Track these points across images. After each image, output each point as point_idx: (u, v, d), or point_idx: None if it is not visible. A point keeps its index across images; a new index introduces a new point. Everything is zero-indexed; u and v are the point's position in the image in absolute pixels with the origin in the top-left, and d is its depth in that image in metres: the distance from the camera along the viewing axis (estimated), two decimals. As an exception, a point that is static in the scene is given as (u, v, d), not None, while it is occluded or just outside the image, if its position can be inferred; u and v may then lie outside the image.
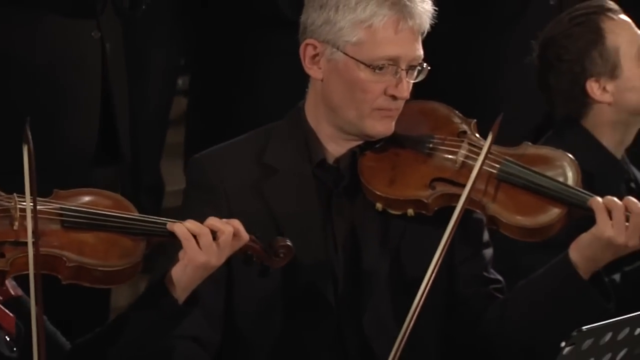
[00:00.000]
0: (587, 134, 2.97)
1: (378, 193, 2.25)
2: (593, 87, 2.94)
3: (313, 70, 2.29)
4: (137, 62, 3.90)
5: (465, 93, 3.46)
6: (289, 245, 2.08)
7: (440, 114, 2.45)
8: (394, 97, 2.24)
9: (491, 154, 2.28)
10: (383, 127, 2.27)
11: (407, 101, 2.29)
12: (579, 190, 2.30)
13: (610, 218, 2.17)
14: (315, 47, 2.26)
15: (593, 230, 2.19)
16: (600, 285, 2.27)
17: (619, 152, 3.02)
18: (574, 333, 1.62)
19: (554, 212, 2.27)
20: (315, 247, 2.25)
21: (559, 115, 3.10)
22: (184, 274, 2.01)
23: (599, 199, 2.21)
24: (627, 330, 1.71)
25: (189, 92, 4.74)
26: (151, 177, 4.46)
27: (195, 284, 2.04)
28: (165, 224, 2.02)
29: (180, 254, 2.00)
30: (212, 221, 2.01)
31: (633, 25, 3.01)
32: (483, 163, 2.22)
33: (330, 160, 2.33)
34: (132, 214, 2.06)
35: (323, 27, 2.23)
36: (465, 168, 2.27)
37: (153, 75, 4.20)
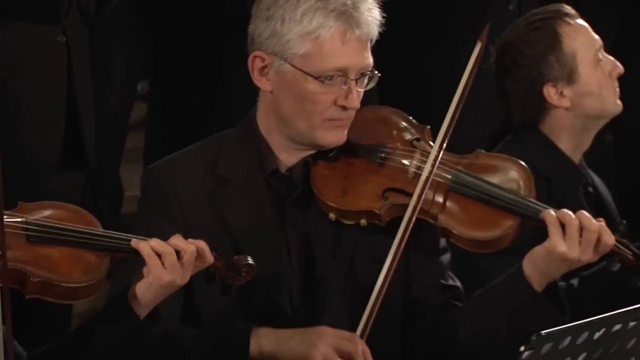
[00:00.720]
0: (545, 138, 2.99)
1: (330, 204, 2.24)
2: (550, 92, 2.96)
3: (262, 82, 2.28)
4: (98, 67, 3.88)
5: (424, 99, 3.48)
6: (251, 264, 2.06)
7: (394, 120, 2.44)
8: (344, 108, 2.23)
9: (442, 163, 2.27)
10: (335, 137, 2.26)
11: (360, 107, 2.28)
12: (531, 202, 2.29)
13: (564, 232, 2.17)
14: (263, 59, 2.24)
15: (546, 244, 2.19)
16: (554, 297, 2.28)
17: (576, 157, 3.04)
18: (533, 337, 1.63)
19: (506, 225, 2.27)
20: (270, 257, 2.23)
21: (517, 121, 3.12)
22: (148, 292, 2.00)
23: (552, 212, 2.21)
24: (586, 334, 1.72)
25: (149, 97, 4.73)
26: (111, 182, 4.44)
27: (159, 300, 2.03)
28: (129, 241, 2.00)
29: (145, 271, 1.98)
30: (176, 240, 1.99)
31: (590, 30, 3.03)
32: (431, 174, 2.21)
33: (283, 170, 2.32)
34: (96, 229, 2.04)
35: (270, 40, 2.21)
36: (418, 178, 2.25)
37: (113, 81, 4.17)
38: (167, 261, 1.95)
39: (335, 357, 2.10)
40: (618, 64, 3.03)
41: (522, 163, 2.39)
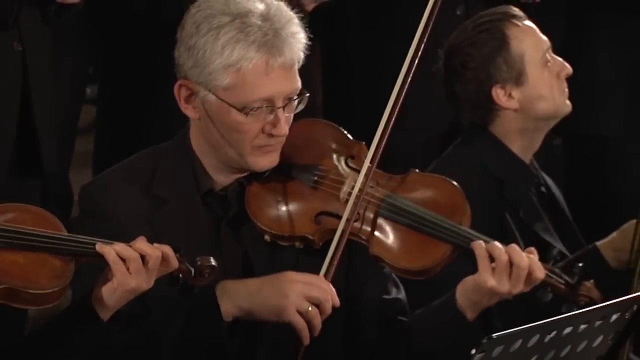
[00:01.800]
0: (496, 140, 2.99)
1: (264, 228, 2.21)
2: (499, 94, 2.97)
3: (189, 110, 2.25)
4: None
5: (371, 104, 3.48)
6: (213, 265, 2.04)
7: (329, 137, 2.40)
8: (272, 135, 2.20)
9: (373, 187, 2.25)
10: (266, 162, 2.24)
11: (295, 120, 2.27)
12: (463, 231, 2.23)
13: (494, 266, 2.14)
14: (188, 88, 2.21)
15: (475, 277, 2.16)
16: (488, 322, 2.26)
17: (527, 157, 3.05)
18: (484, 340, 1.63)
19: (437, 254, 2.23)
20: None
21: (466, 123, 3.12)
22: (112, 296, 1.96)
23: (483, 244, 2.16)
24: (537, 337, 1.73)
25: (98, 101, 4.69)
26: (60, 186, 4.38)
27: (122, 304, 2.00)
28: (94, 245, 1.96)
29: (109, 275, 1.95)
30: (141, 245, 1.96)
31: (538, 31, 3.04)
32: (359, 199, 2.19)
33: (218, 189, 2.30)
34: (61, 233, 2.00)
35: (194, 70, 2.17)
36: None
37: (61, 84, 4.12)
38: (132, 266, 1.92)
39: (307, 306, 2.10)
40: (566, 65, 3.05)
41: (456, 185, 2.34)
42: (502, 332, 1.67)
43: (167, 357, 2.15)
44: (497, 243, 2.16)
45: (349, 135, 2.39)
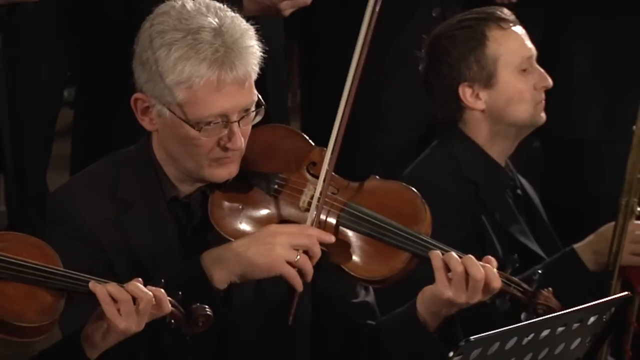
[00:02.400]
0: (471, 142, 2.98)
1: (228, 237, 2.20)
2: (466, 92, 2.96)
3: (145, 122, 2.24)
4: (23, 74, 3.83)
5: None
6: (209, 314, 1.98)
7: (290, 144, 2.39)
8: (228, 149, 2.19)
9: (331, 196, 2.25)
10: (224, 173, 2.22)
11: (258, 125, 2.28)
12: (421, 240, 2.20)
13: (450, 281, 2.12)
14: (144, 101, 2.20)
15: (433, 288, 2.15)
16: (450, 331, 2.25)
17: (502, 160, 3.04)
18: (462, 343, 1.64)
19: (395, 264, 2.21)
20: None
21: (441, 120, 3.12)
22: (101, 336, 1.92)
23: (439, 254, 2.14)
24: (514, 339, 1.74)
25: (75, 104, 4.67)
26: (37, 189, 4.36)
27: (111, 345, 1.95)
28: (87, 282, 1.90)
29: (100, 315, 1.90)
30: (133, 287, 1.89)
31: (524, 38, 3.01)
32: (319, 211, 2.19)
33: (182, 197, 2.29)
34: (56, 267, 1.93)
35: (148, 84, 2.17)
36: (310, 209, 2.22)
37: (39, 87, 4.11)
38: (123, 308, 1.86)
39: (295, 254, 2.09)
40: (547, 78, 3.02)
41: (415, 192, 2.31)
42: (480, 335, 1.67)
43: None
44: (453, 254, 2.13)
45: (310, 141, 2.38)
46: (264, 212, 2.27)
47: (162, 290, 1.92)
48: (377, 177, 2.35)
